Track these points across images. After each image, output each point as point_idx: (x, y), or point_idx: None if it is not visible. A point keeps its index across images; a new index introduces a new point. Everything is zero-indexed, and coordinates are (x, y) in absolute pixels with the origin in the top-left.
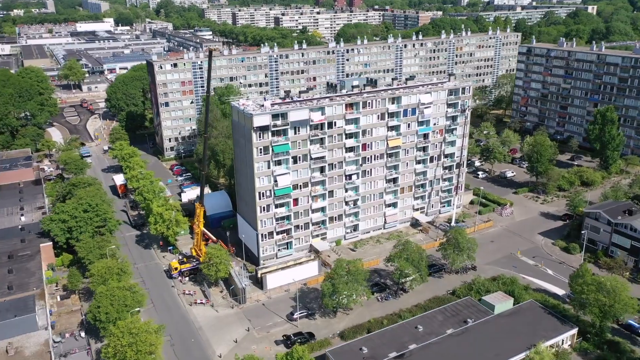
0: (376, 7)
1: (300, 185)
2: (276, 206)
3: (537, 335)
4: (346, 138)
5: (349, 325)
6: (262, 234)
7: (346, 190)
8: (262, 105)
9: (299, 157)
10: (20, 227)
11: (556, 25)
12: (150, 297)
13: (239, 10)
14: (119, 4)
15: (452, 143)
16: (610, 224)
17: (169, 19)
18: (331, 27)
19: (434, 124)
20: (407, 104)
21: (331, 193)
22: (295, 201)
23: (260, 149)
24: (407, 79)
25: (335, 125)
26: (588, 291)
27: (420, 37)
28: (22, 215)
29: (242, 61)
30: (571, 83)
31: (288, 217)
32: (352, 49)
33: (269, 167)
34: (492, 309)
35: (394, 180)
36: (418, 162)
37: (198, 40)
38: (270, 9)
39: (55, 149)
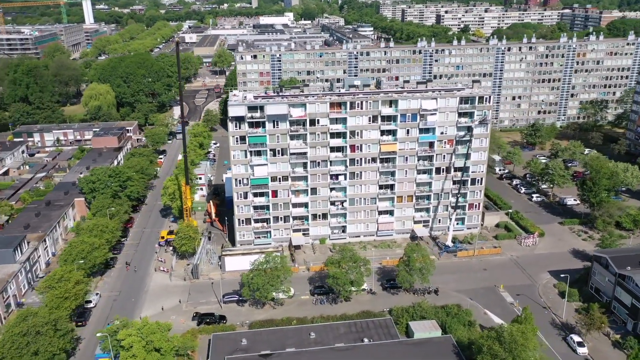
0: (575, 5)
1: (280, 178)
2: (254, 195)
3: None
4: (332, 137)
5: (268, 318)
6: (238, 219)
7: (331, 190)
8: (246, 97)
9: (278, 150)
10: (72, 182)
11: None
12: (132, 257)
13: (408, 7)
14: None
15: (467, 156)
16: (615, 274)
17: (348, 15)
18: (498, 26)
19: (441, 133)
20: (405, 108)
21: (315, 190)
22: (275, 193)
23: (237, 138)
24: (418, 83)
25: (318, 123)
26: (487, 337)
27: (534, 39)
28: (81, 173)
29: (320, 56)
30: None
31: (267, 207)
32: (443, 50)
33: (245, 156)
34: (411, 335)
35: (390, 187)
36: (423, 172)
37: (351, 35)
38: (442, 6)
39: (161, 123)
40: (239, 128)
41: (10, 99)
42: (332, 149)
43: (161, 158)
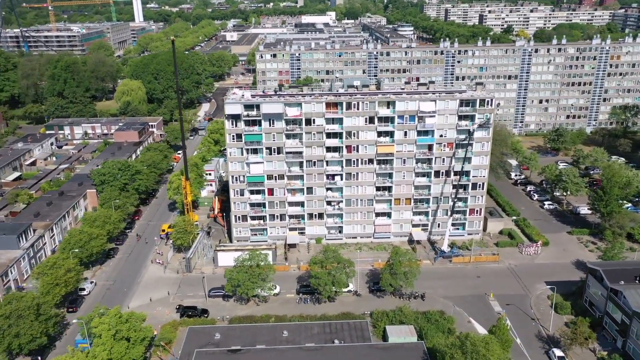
0: (634, 5)
1: (276, 177)
2: (251, 192)
3: None
4: (328, 137)
5: (249, 314)
6: (235, 216)
7: (327, 190)
8: (243, 96)
9: (274, 149)
10: (87, 174)
11: None
12: (133, 248)
13: (452, 7)
14: None
15: (468, 160)
16: (607, 288)
17: (391, 14)
18: (544, 27)
19: (440, 136)
20: (403, 110)
21: (310, 190)
22: (271, 191)
23: (233, 136)
24: (419, 84)
25: (314, 122)
26: (451, 345)
27: (564, 41)
28: (97, 165)
29: (340, 56)
30: None
31: (263, 205)
32: (466, 50)
33: (242, 154)
34: (387, 339)
35: (388, 189)
36: (422, 175)
37: (388, 35)
38: (487, 6)
39: (184, 120)
40: (236, 126)
41: (49, 93)
42: (329, 149)
43: (179, 153)
